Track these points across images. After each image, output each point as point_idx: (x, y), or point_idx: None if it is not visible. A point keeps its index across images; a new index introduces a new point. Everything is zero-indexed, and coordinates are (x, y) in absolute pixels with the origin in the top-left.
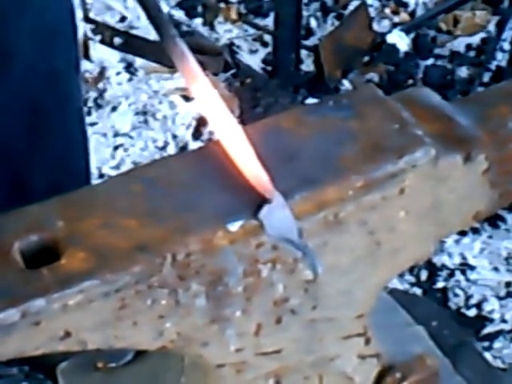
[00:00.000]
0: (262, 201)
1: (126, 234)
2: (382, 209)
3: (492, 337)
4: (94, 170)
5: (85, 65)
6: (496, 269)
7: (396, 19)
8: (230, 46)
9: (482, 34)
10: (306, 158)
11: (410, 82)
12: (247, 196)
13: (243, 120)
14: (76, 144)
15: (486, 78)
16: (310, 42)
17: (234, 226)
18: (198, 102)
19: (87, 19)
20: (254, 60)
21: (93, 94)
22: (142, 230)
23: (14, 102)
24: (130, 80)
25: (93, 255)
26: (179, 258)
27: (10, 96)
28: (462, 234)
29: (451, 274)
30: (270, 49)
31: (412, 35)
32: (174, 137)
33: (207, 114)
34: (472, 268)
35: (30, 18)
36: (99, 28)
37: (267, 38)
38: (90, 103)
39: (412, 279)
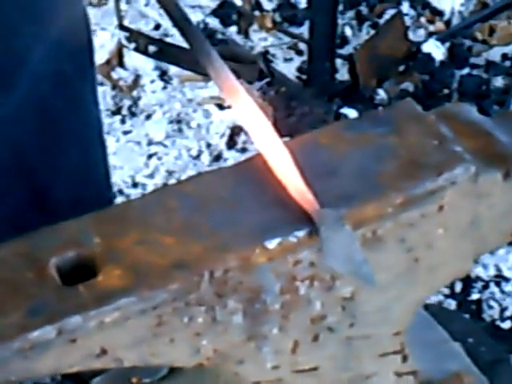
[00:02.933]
0: (308, 218)
1: (162, 250)
2: (420, 226)
3: None
4: (127, 179)
5: (119, 73)
6: None
7: (431, 28)
8: (265, 55)
9: None
10: (344, 174)
11: (446, 91)
12: (286, 212)
13: (278, 129)
14: (94, 152)
15: None
16: (344, 51)
17: (272, 244)
18: (239, 115)
19: (122, 27)
20: (288, 68)
21: (127, 102)
22: (179, 247)
23: (25, 110)
24: (164, 88)
25: (130, 272)
26: (217, 275)
27: (22, 105)
28: None
29: (486, 286)
30: (304, 57)
31: (447, 44)
32: (208, 145)
33: (248, 127)
34: (507, 280)
35: (40, 26)
36: (134, 36)
37: (302, 46)
38: (125, 111)
39: (446, 291)
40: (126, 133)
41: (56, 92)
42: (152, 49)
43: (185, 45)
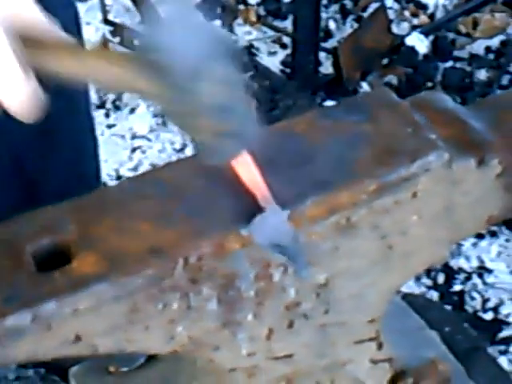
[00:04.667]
0: (256, 209)
1: (138, 237)
2: (394, 213)
3: (509, 340)
4: (111, 172)
5: None
6: None
7: (415, 22)
8: (249, 48)
9: (502, 37)
10: (319, 161)
11: (429, 84)
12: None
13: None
14: (86, 147)
15: (505, 80)
16: (328, 45)
17: (246, 230)
18: None
19: (106, 21)
20: (272, 62)
21: (111, 96)
22: (154, 234)
23: None
24: None
25: (104, 258)
26: (191, 261)
27: None
28: (480, 237)
29: (468, 278)
30: (288, 51)
31: (431, 38)
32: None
33: None
34: (489, 271)
35: None
36: (118, 30)
37: (286, 40)
38: (109, 105)
39: (429, 282)
40: (110, 126)
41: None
42: (137, 43)
43: None
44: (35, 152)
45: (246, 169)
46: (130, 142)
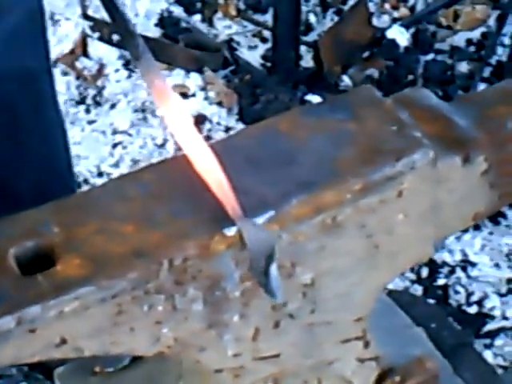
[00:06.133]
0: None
1: (122, 239)
2: (380, 212)
3: (493, 334)
4: (92, 169)
5: (83, 62)
6: (497, 265)
7: (396, 14)
8: (229, 42)
9: (483, 29)
10: (303, 161)
11: (411, 77)
12: (246, 200)
13: (243, 116)
14: (56, 144)
15: (487, 73)
16: (309, 38)
17: (231, 231)
18: (167, 119)
19: (85, 16)
20: (253, 56)
21: (91, 92)
22: (138, 236)
23: None
24: (128, 77)
25: (88, 261)
26: (176, 263)
27: None
28: (463, 230)
29: (452, 271)
30: (269, 45)
31: (412, 30)
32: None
33: (175, 131)
34: (473, 265)
35: None
36: (98, 25)
37: (266, 33)
38: (89, 101)
39: (413, 276)
40: (90, 122)
41: (19, 86)
42: (116, 38)
43: (149, 34)
44: (4, 150)
45: (215, 179)
46: (111, 138)
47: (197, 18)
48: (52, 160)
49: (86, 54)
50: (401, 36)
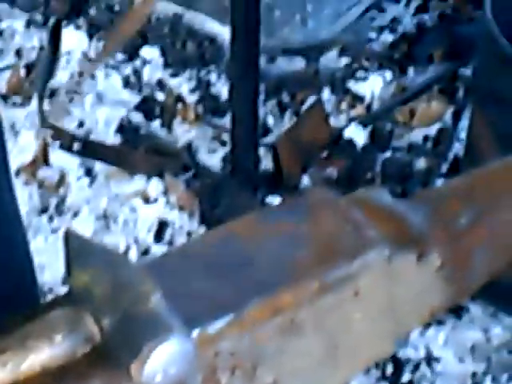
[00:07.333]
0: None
1: None
2: (337, 311)
3: None
4: (57, 278)
5: (45, 171)
6: (461, 360)
7: (353, 113)
8: (189, 147)
9: (439, 125)
10: (261, 264)
11: (369, 175)
12: (207, 302)
13: (204, 220)
14: (19, 254)
15: (445, 168)
16: (268, 140)
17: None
18: None
19: (46, 125)
20: (213, 160)
21: (53, 201)
22: None
23: None
24: (90, 185)
25: None
26: None
27: None
28: (426, 325)
29: (417, 367)
30: (228, 148)
31: (369, 128)
32: (136, 240)
33: None
34: (437, 360)
35: None
36: (58, 133)
37: (226, 137)
38: (52, 210)
39: (378, 373)
40: (54, 231)
41: None
42: (77, 146)
43: (109, 141)
44: None
45: None
46: None
47: (156, 124)
48: (10, 261)
49: (47, 163)
50: (358, 134)
